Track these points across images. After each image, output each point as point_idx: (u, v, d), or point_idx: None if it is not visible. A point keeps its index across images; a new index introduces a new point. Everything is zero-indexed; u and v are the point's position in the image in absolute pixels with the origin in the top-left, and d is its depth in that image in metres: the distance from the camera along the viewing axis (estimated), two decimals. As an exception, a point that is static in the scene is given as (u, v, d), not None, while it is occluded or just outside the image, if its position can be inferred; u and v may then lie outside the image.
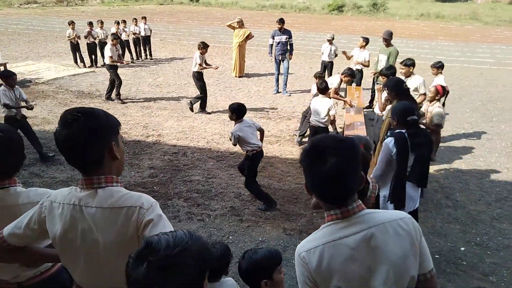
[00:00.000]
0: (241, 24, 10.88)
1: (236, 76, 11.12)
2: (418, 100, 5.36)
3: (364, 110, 7.14)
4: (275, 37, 9.37)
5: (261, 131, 4.74)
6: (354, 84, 7.97)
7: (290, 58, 9.51)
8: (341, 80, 6.71)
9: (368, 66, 8.34)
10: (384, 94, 4.68)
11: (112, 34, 9.36)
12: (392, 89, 4.09)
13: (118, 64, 8.71)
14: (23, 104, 5.65)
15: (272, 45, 9.52)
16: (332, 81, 6.73)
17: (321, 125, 5.57)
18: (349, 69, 6.75)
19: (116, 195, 1.36)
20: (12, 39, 16.11)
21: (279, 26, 9.21)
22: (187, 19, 27.81)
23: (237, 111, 4.45)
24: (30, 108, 5.73)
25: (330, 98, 5.83)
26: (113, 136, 1.41)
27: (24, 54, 13.30)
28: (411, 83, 5.54)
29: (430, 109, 5.06)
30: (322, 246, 1.32)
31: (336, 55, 9.52)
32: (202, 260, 1.00)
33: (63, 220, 1.37)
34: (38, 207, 1.44)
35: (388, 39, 7.39)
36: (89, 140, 1.32)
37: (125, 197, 1.37)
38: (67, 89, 9.49)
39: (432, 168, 5.61)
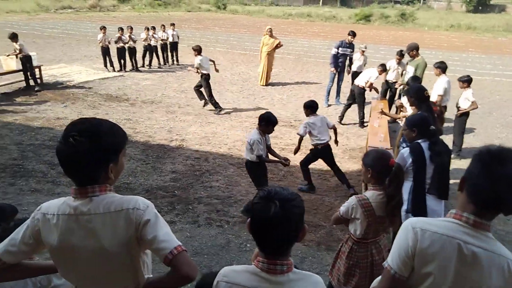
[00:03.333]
0: (271, 33, 10.94)
1: (262, 85, 11.15)
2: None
3: (389, 123, 7.03)
4: (340, 48, 9.12)
5: (334, 129, 5.30)
6: (379, 96, 7.86)
7: (349, 73, 9.32)
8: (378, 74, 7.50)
9: (397, 80, 8.18)
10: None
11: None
12: (413, 96, 4.06)
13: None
14: None
15: (335, 55, 9.18)
16: (371, 74, 7.49)
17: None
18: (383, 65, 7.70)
19: (111, 200, 1.39)
20: (48, 43, 16.80)
21: (352, 38, 8.96)
22: (214, 26, 28.24)
23: (309, 107, 5.16)
24: None
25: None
26: (113, 157, 1.41)
27: (58, 57, 13.85)
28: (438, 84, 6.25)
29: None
30: (440, 235, 1.39)
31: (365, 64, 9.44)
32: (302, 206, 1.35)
33: (59, 231, 1.38)
34: (31, 221, 1.44)
35: (408, 53, 7.28)
36: (87, 164, 1.34)
37: (120, 201, 1.39)
38: (96, 92, 9.80)
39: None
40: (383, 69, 7.65)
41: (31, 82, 9.66)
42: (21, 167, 5.56)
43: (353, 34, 9.04)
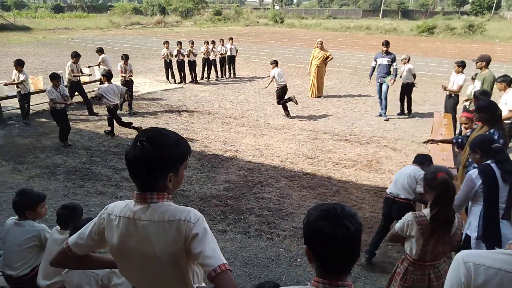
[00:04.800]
0: (321, 46, 10.93)
1: (312, 97, 11.11)
2: (504, 116, 5.27)
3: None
4: (377, 59, 9.13)
5: None
6: (442, 111, 7.44)
7: (392, 83, 9.03)
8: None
9: (458, 91, 7.71)
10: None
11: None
12: (484, 111, 3.74)
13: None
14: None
15: (374, 67, 9.29)
16: (458, 80, 7.52)
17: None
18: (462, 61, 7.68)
19: (166, 209, 1.45)
20: (117, 56, 18.09)
21: (385, 48, 8.93)
22: (271, 39, 28.70)
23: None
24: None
25: None
26: (174, 167, 1.47)
27: (125, 70, 14.88)
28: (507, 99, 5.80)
29: None
30: (497, 270, 1.29)
31: (413, 75, 9.00)
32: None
33: (119, 232, 1.48)
34: (98, 219, 1.56)
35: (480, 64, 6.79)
36: (150, 170, 1.42)
37: (174, 211, 1.44)
38: (158, 102, 10.37)
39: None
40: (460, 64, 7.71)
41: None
42: (89, 171, 6.01)
43: (385, 43, 8.95)
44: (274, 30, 38.39)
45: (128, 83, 9.47)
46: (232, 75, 14.11)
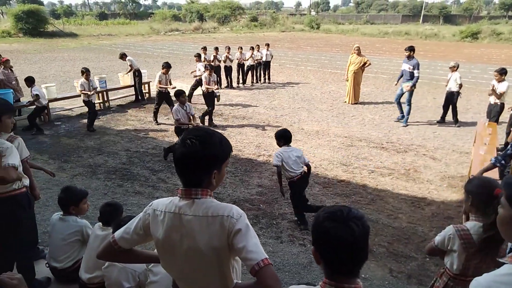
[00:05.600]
0: (358, 51, 10.76)
1: (349, 103, 10.94)
2: None
3: (498, 150, 6.27)
4: (403, 64, 9.07)
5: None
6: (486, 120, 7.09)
7: (407, 90, 8.79)
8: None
9: (499, 97, 7.33)
10: None
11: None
12: None
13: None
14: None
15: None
16: (501, 88, 7.29)
17: None
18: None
19: (209, 205, 1.51)
20: (156, 61, 18.78)
21: (406, 53, 8.80)
22: (307, 45, 28.60)
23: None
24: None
25: None
26: (218, 165, 1.55)
27: (164, 74, 15.36)
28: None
29: None
30: None
31: (460, 85, 8.64)
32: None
33: (164, 226, 1.53)
34: (143, 215, 1.63)
35: None
36: (197, 166, 1.50)
37: (217, 207, 1.50)
38: (194, 106, 10.56)
39: None
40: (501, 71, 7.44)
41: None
42: (128, 171, 6.24)
43: (409, 49, 8.74)
44: (310, 36, 38.23)
45: (165, 95, 9.04)
46: (267, 81, 14.19)
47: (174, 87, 8.50)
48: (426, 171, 6.43)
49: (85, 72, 8.19)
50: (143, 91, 11.33)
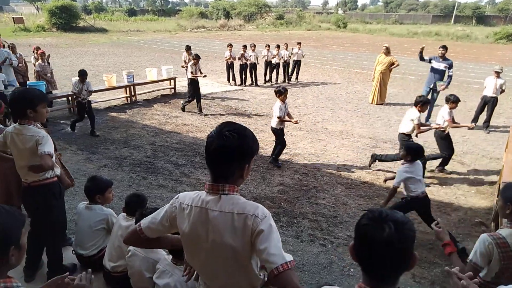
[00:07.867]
0: (387, 51, 10.54)
1: (374, 103, 10.73)
2: None
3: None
4: (432, 61, 8.83)
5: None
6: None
7: (441, 89, 8.61)
8: None
9: None
10: None
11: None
12: None
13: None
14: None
15: (425, 59, 9.01)
16: None
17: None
18: None
19: (236, 202, 1.51)
20: (182, 59, 19.02)
21: (442, 51, 8.58)
22: (333, 44, 28.25)
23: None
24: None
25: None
26: (248, 159, 1.56)
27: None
28: None
29: None
30: None
31: (502, 91, 8.32)
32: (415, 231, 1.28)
33: (190, 220, 1.56)
34: (169, 207, 1.66)
35: None
36: (232, 159, 1.51)
37: (243, 205, 1.51)
38: (218, 103, 10.68)
39: None
40: None
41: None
42: (152, 164, 6.36)
43: (444, 47, 8.59)
44: (336, 35, 37.74)
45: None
46: (295, 79, 14.03)
47: (205, 76, 9.80)
48: (453, 176, 6.23)
49: (82, 75, 7.68)
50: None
